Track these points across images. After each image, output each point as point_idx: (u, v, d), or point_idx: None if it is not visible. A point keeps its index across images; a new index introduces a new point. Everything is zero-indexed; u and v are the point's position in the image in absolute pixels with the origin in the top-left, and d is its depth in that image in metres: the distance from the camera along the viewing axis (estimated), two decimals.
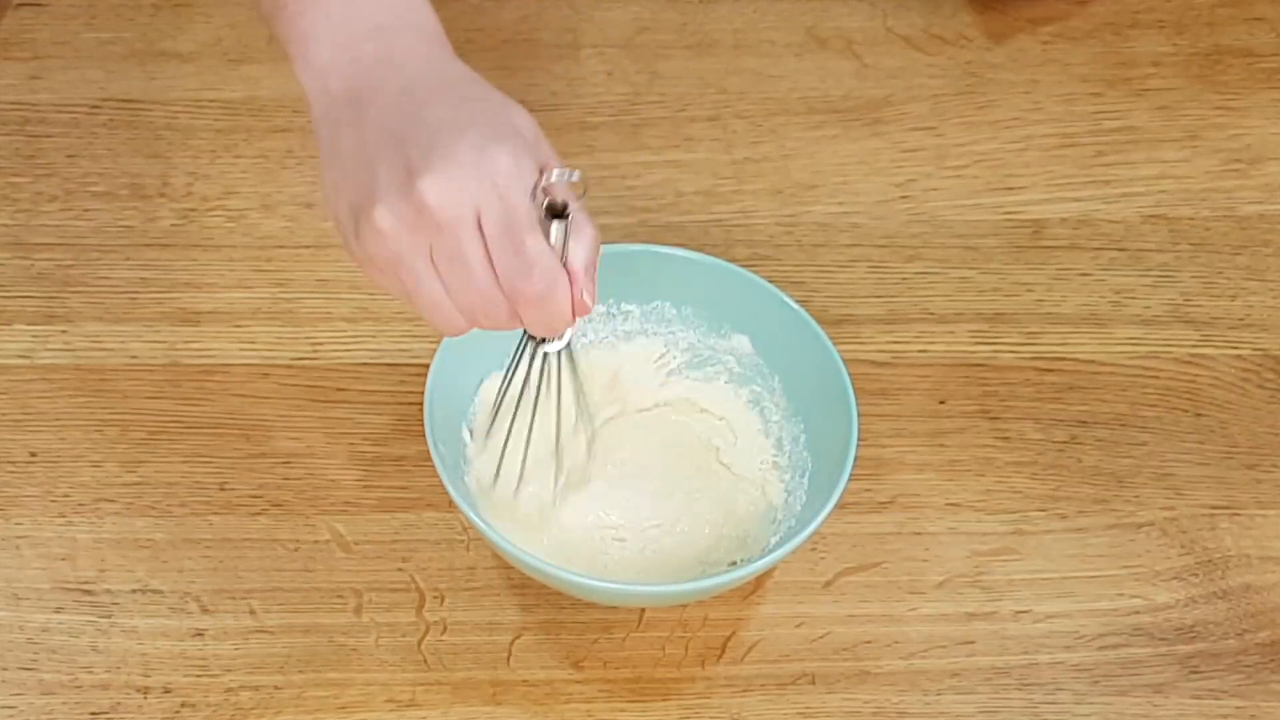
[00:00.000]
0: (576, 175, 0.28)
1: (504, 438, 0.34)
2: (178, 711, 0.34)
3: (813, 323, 0.36)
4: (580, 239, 0.29)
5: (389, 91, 0.29)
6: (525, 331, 0.32)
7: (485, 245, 0.28)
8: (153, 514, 0.37)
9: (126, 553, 0.36)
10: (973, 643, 0.35)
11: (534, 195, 0.28)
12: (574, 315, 0.30)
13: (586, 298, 0.29)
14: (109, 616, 0.35)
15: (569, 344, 0.32)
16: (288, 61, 0.31)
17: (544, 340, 0.32)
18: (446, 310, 0.29)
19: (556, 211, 0.28)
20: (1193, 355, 0.41)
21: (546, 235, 0.29)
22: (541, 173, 0.28)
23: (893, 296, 0.42)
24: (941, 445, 0.39)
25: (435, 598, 0.36)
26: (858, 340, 0.40)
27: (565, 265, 0.29)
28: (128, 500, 0.37)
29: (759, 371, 0.38)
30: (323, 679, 0.34)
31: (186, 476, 0.37)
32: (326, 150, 0.30)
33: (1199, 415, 0.40)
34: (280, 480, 0.37)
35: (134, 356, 0.39)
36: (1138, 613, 0.36)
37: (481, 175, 0.28)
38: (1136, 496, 0.38)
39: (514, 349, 0.32)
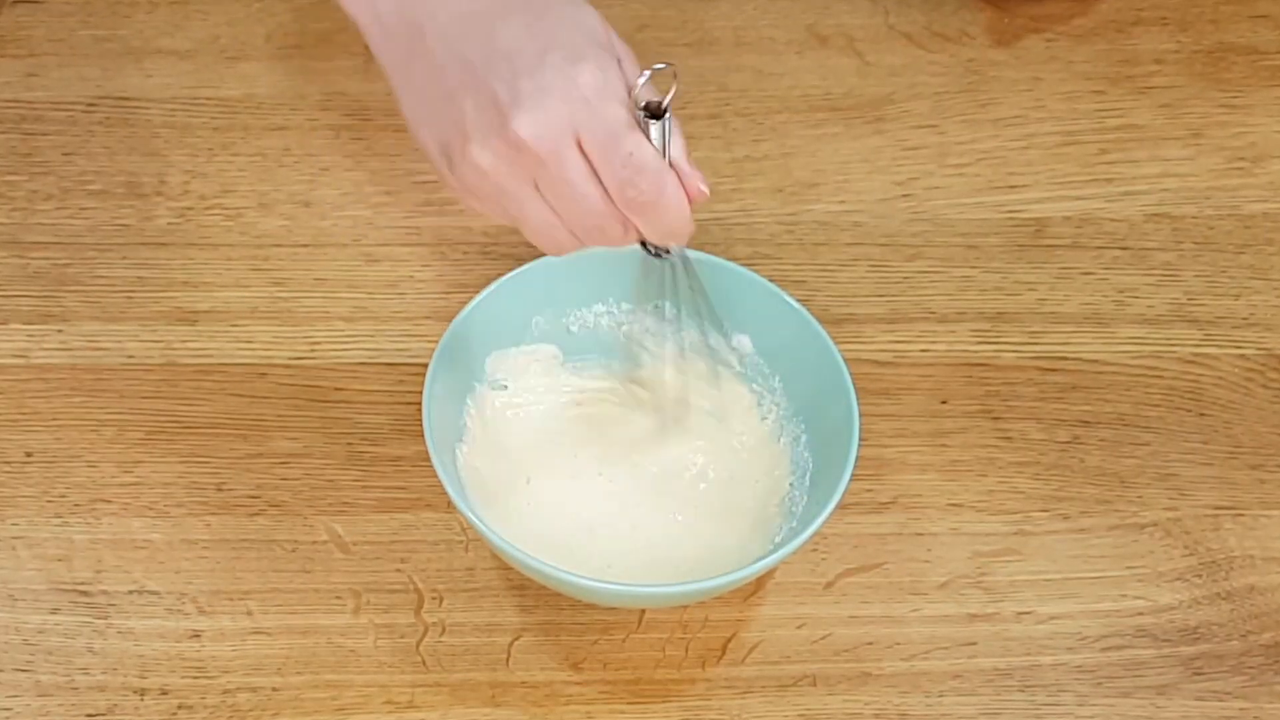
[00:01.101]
0: (665, 66, 0.28)
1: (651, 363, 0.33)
2: (175, 713, 0.34)
3: (814, 322, 0.36)
4: (674, 133, 0.29)
5: (449, 12, 0.28)
6: (644, 248, 0.31)
7: (589, 165, 0.28)
8: (150, 514, 0.37)
9: (123, 553, 0.36)
10: (975, 644, 0.35)
11: (629, 101, 0.28)
12: (693, 206, 0.29)
13: (702, 185, 0.29)
14: (106, 618, 0.35)
15: (683, 251, 0.31)
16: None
17: (663, 253, 0.31)
18: (557, 233, 0.29)
19: (654, 112, 0.28)
20: (1196, 355, 0.40)
21: (647, 137, 0.28)
22: (632, 77, 0.28)
23: (894, 296, 0.41)
24: (943, 445, 0.39)
25: (434, 598, 0.35)
26: (859, 340, 0.40)
27: (671, 164, 0.29)
28: (124, 501, 0.37)
29: (759, 371, 0.37)
30: (321, 680, 0.34)
31: (183, 477, 0.37)
32: (399, 82, 0.29)
33: (1202, 415, 0.39)
34: (278, 480, 0.37)
35: (130, 356, 0.39)
36: (1141, 614, 0.36)
37: (572, 98, 0.27)
38: (1139, 497, 0.38)
39: (639, 274, 0.32)
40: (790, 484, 0.36)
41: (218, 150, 0.43)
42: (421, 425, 0.33)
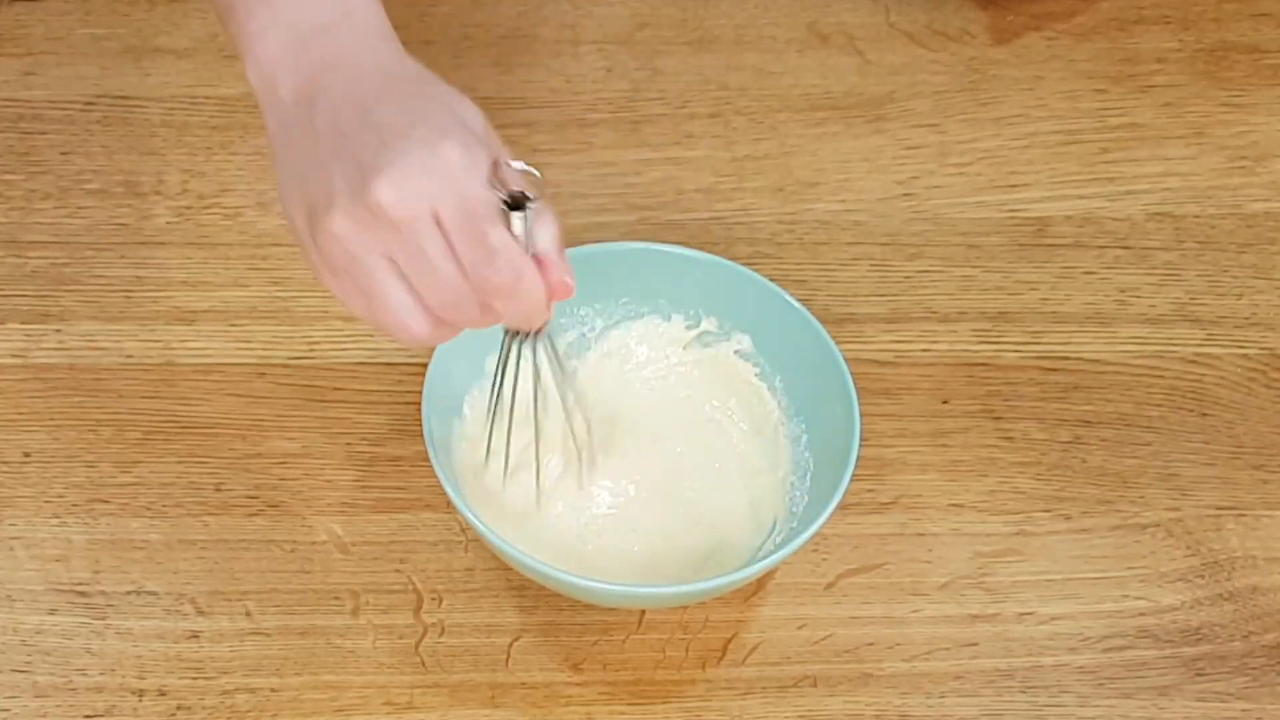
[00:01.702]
0: (535, 171, 0.28)
1: (499, 436, 0.33)
2: (173, 714, 0.34)
3: (814, 322, 0.36)
4: (543, 224, 0.29)
5: (335, 91, 0.29)
6: (505, 330, 0.31)
7: (446, 240, 0.28)
8: (148, 515, 0.36)
9: (121, 554, 0.36)
10: (976, 645, 0.35)
11: (491, 185, 0.28)
12: (552, 299, 0.29)
13: (566, 278, 0.29)
14: (104, 618, 0.35)
15: (548, 335, 0.31)
16: (240, 62, 0.31)
17: (523, 335, 0.31)
18: (409, 313, 0.29)
19: (516, 204, 0.28)
20: (1198, 354, 0.40)
21: (508, 228, 0.28)
22: (496, 164, 0.28)
23: (895, 295, 0.41)
24: (944, 445, 0.38)
25: (433, 599, 0.35)
26: (860, 339, 0.40)
27: (534, 254, 0.29)
28: (122, 501, 0.37)
29: (760, 371, 0.37)
30: (320, 681, 0.34)
31: (182, 477, 0.37)
32: (279, 153, 0.30)
33: (1204, 415, 0.39)
34: (276, 481, 0.37)
35: (129, 356, 0.39)
36: (1143, 614, 0.36)
37: (434, 171, 0.28)
38: (1141, 497, 0.38)
39: (499, 351, 0.32)
40: (791, 484, 0.36)
41: (216, 149, 0.43)
42: (420, 425, 0.33)
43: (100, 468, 0.37)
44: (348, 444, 0.38)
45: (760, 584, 0.36)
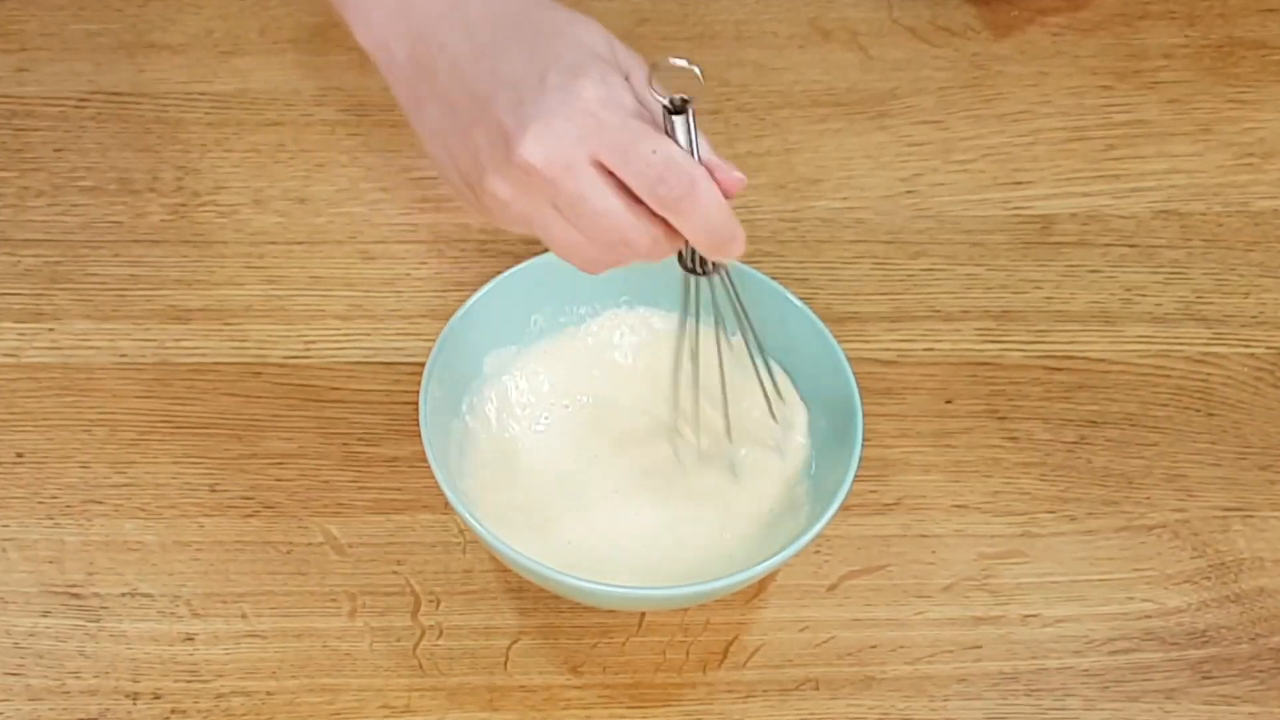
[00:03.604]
0: (695, 68, 0.27)
1: (686, 395, 0.32)
2: (168, 718, 0.33)
3: (817, 321, 0.35)
4: (698, 131, 0.28)
5: (452, 48, 0.28)
6: (682, 264, 0.30)
7: (610, 178, 0.27)
8: (142, 516, 0.36)
9: (115, 555, 0.35)
10: (980, 647, 0.35)
11: (649, 96, 0.27)
12: (729, 197, 0.28)
13: (735, 173, 0.28)
14: (97, 620, 0.34)
15: (729, 276, 0.31)
16: (346, 27, 0.30)
17: (704, 271, 0.31)
18: (585, 251, 0.28)
19: (677, 108, 0.27)
20: (1205, 354, 0.40)
21: (672, 136, 0.28)
22: (651, 68, 0.27)
23: (898, 294, 0.41)
24: (948, 445, 0.38)
25: (431, 601, 0.35)
26: (862, 338, 0.40)
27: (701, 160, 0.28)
28: (116, 502, 0.36)
29: (761, 370, 0.37)
30: (316, 684, 0.34)
31: (177, 478, 0.37)
32: (415, 120, 0.30)
33: (1211, 415, 0.39)
34: (272, 481, 0.37)
35: (123, 355, 0.39)
36: (1148, 617, 0.35)
37: (577, 114, 0.27)
38: (1147, 498, 0.37)
39: (680, 299, 0.31)
40: (793, 485, 0.36)
41: (211, 146, 0.43)
42: (418, 425, 0.33)
43: (94, 468, 0.37)
44: (344, 444, 0.37)
45: (762, 586, 0.36)
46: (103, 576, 0.35)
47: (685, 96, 0.27)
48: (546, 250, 0.37)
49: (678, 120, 0.28)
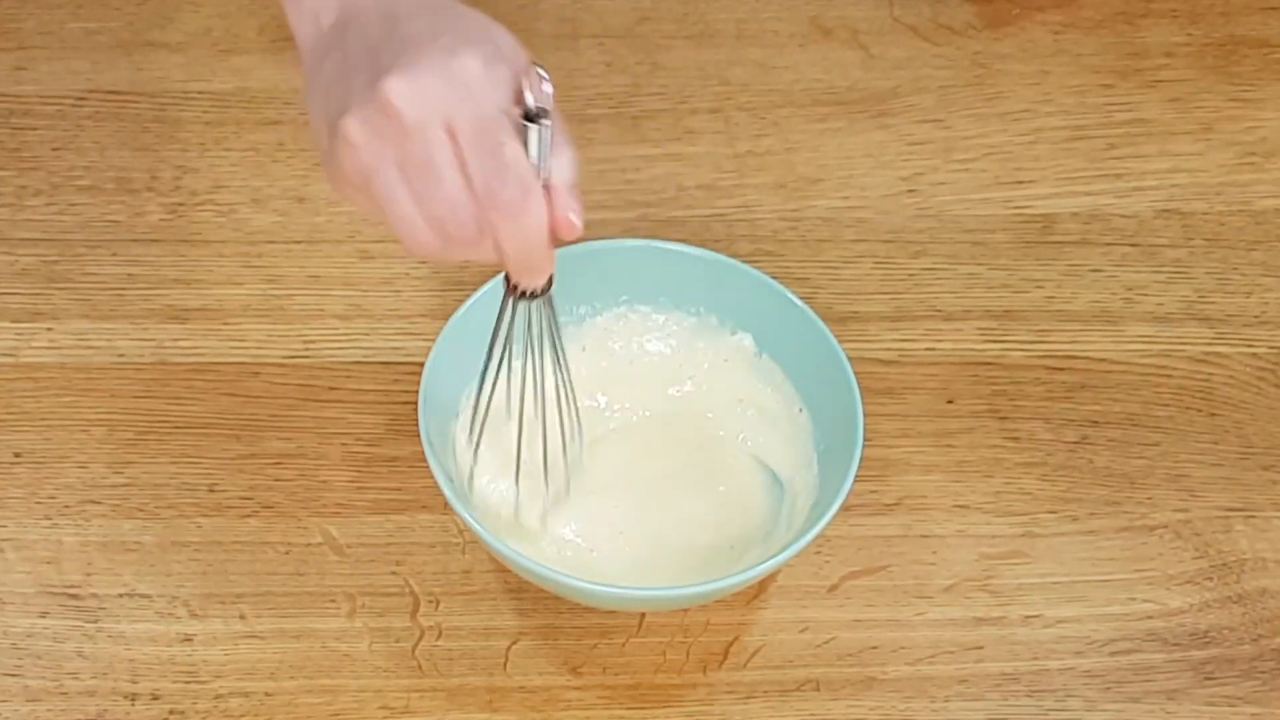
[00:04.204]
0: (547, 86, 0.27)
1: (482, 409, 0.32)
2: (166, 719, 0.33)
3: (817, 320, 0.35)
4: (561, 157, 0.28)
5: (372, 13, 0.29)
6: (506, 282, 0.30)
7: (457, 152, 0.27)
8: (140, 516, 0.36)
9: (113, 556, 0.35)
10: (981, 648, 0.35)
11: (514, 102, 0.27)
12: (557, 233, 0.28)
13: (573, 215, 0.28)
14: (95, 621, 0.34)
15: (549, 294, 0.30)
16: (280, 7, 0.30)
17: (524, 294, 0.30)
18: (414, 225, 0.28)
19: (529, 116, 0.27)
20: (1207, 353, 0.40)
21: (524, 145, 0.27)
22: (523, 76, 0.27)
23: (899, 293, 0.41)
24: (949, 445, 0.38)
25: (430, 602, 0.35)
26: (863, 338, 0.40)
27: (545, 185, 0.27)
28: (114, 502, 0.36)
29: (762, 370, 0.37)
30: (315, 685, 0.34)
31: (175, 478, 0.37)
32: (311, 81, 0.29)
33: (1213, 415, 0.39)
34: (271, 481, 0.37)
35: (121, 355, 0.39)
36: (1150, 617, 0.35)
37: (451, 79, 0.27)
38: (1149, 498, 0.37)
39: (498, 310, 0.31)
40: (793, 485, 0.35)
41: (210, 145, 0.43)
42: (417, 426, 0.33)
43: (92, 468, 0.37)
44: (343, 444, 0.37)
45: (762, 586, 0.35)
46: (101, 577, 0.35)
47: (543, 108, 0.27)
48: None
49: (530, 130, 0.27)
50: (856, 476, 0.33)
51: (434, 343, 0.34)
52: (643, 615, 0.35)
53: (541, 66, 0.27)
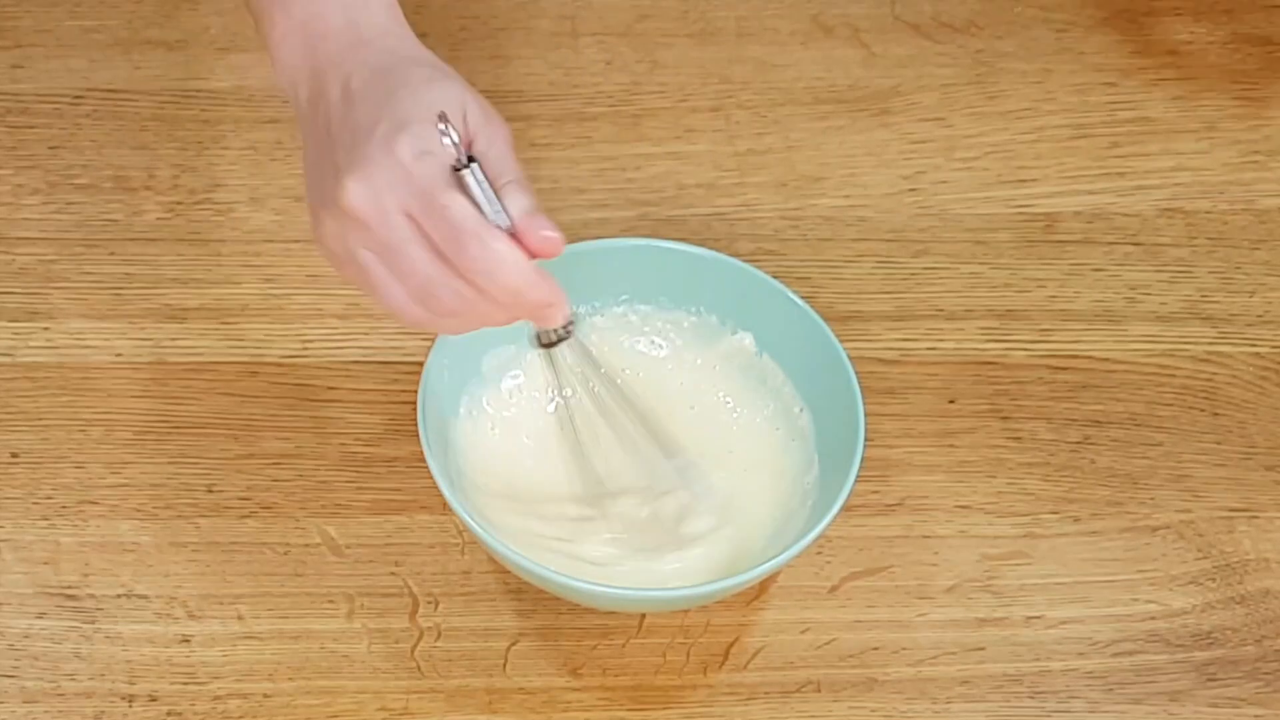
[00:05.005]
0: (448, 137, 0.28)
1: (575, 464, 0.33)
2: None
3: (818, 320, 0.35)
4: (511, 196, 0.29)
5: (332, 93, 0.31)
6: (537, 342, 0.31)
7: (419, 230, 0.29)
8: (138, 516, 0.36)
9: (111, 556, 0.35)
10: (983, 649, 0.35)
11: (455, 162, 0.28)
12: (537, 256, 0.29)
13: (546, 232, 0.28)
14: (93, 622, 0.34)
15: (576, 339, 0.31)
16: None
17: (553, 342, 0.31)
18: (402, 302, 0.30)
19: (456, 167, 0.28)
20: (1210, 353, 0.40)
21: (468, 197, 0.28)
22: (440, 118, 0.28)
23: (901, 292, 0.41)
24: (951, 446, 0.38)
25: (429, 603, 0.35)
26: (865, 337, 0.40)
27: (510, 229, 0.28)
28: (112, 502, 0.36)
29: (763, 370, 0.37)
30: (313, 686, 0.33)
31: (173, 478, 0.36)
32: (304, 154, 0.32)
33: (1216, 415, 0.39)
34: (269, 482, 0.36)
35: (119, 354, 0.39)
36: (1153, 618, 0.35)
37: (394, 167, 0.28)
38: (1152, 499, 0.37)
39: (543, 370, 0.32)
40: (794, 485, 0.35)
41: (208, 144, 0.43)
42: (416, 426, 0.33)
43: (89, 469, 0.36)
44: (342, 444, 0.37)
45: (763, 587, 0.35)
46: (98, 578, 0.35)
47: (469, 155, 0.28)
48: None
49: (466, 178, 0.28)
50: (858, 477, 0.33)
51: (433, 342, 0.34)
52: (643, 616, 0.35)
53: (443, 119, 0.28)
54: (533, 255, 0.29)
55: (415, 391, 0.33)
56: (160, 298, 0.39)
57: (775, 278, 0.36)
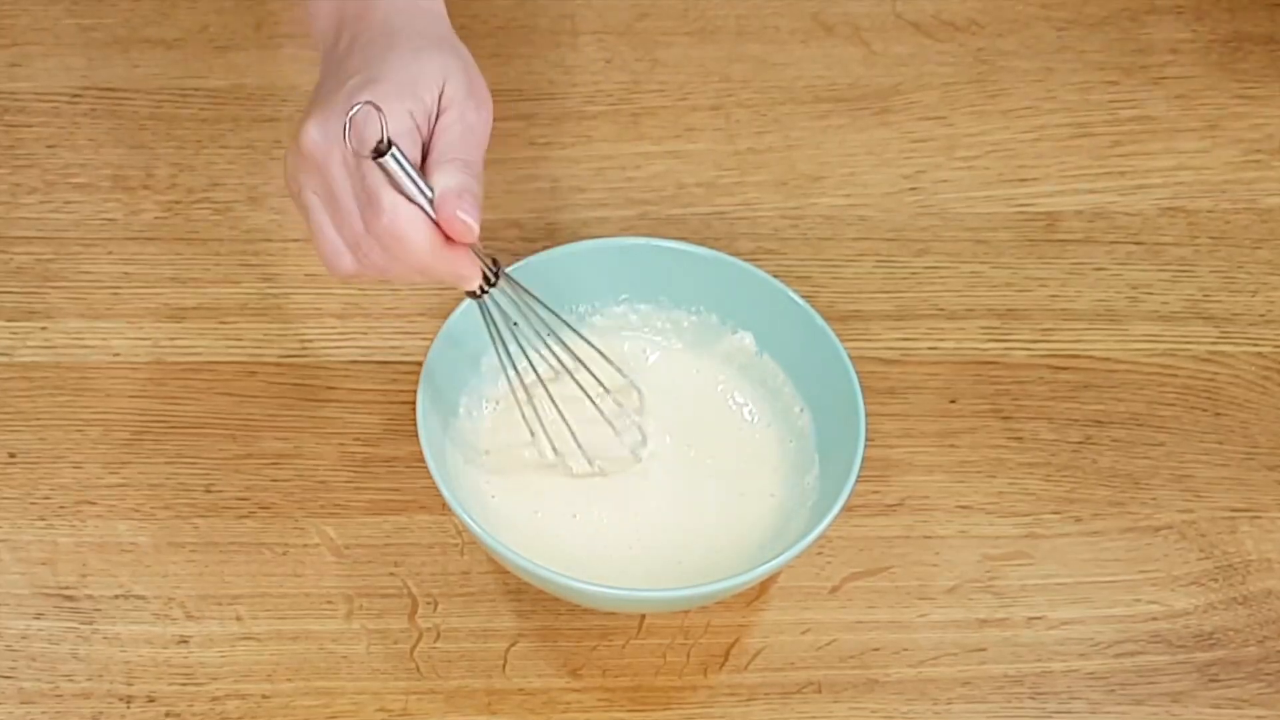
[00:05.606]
0: (368, 131, 0.28)
1: (527, 411, 0.34)
2: None
3: (819, 319, 0.35)
4: (444, 172, 0.30)
5: (341, 46, 0.32)
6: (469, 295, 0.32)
7: (355, 185, 0.30)
8: (136, 517, 0.36)
9: (109, 557, 0.35)
10: (984, 650, 0.35)
11: (348, 140, 0.29)
12: (451, 238, 0.29)
13: (461, 214, 0.29)
14: (91, 623, 0.34)
15: (494, 284, 0.31)
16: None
17: (478, 293, 0.32)
18: (333, 248, 0.31)
19: (376, 154, 0.29)
20: (1212, 353, 0.40)
21: (390, 178, 0.29)
22: (349, 121, 0.29)
23: (901, 292, 0.41)
24: (952, 445, 0.38)
25: (428, 603, 0.35)
26: (865, 337, 0.39)
27: (434, 199, 0.29)
28: (110, 503, 0.36)
29: (763, 369, 0.37)
30: (312, 687, 0.33)
31: (171, 478, 0.36)
32: None
33: (1218, 415, 0.39)
34: (268, 482, 0.36)
35: (116, 354, 0.38)
36: (1155, 619, 0.35)
37: (346, 115, 0.29)
38: (1154, 499, 0.37)
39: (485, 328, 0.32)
40: (794, 485, 0.35)
41: (206, 142, 0.42)
42: (415, 425, 0.33)
43: (87, 469, 0.36)
44: (341, 444, 0.37)
45: (763, 588, 0.35)
46: (96, 578, 0.35)
47: (388, 142, 0.29)
48: (544, 249, 0.36)
49: (386, 163, 0.29)
50: (858, 477, 0.32)
51: (432, 342, 0.34)
52: (643, 617, 0.35)
53: (375, 104, 0.29)
54: (446, 237, 0.30)
55: (414, 391, 0.33)
56: (158, 297, 0.39)
57: (775, 277, 0.36)
